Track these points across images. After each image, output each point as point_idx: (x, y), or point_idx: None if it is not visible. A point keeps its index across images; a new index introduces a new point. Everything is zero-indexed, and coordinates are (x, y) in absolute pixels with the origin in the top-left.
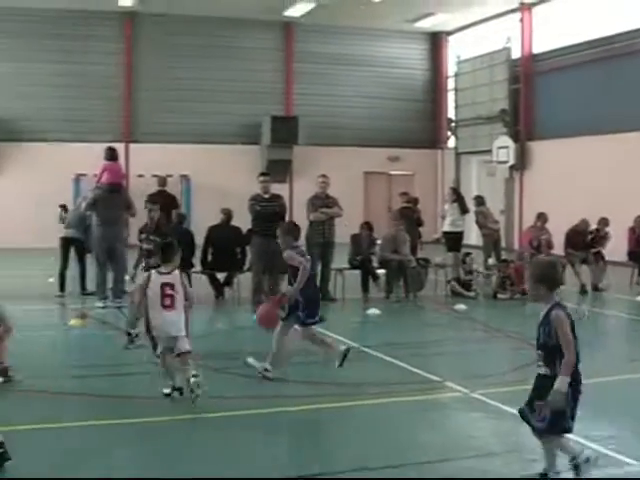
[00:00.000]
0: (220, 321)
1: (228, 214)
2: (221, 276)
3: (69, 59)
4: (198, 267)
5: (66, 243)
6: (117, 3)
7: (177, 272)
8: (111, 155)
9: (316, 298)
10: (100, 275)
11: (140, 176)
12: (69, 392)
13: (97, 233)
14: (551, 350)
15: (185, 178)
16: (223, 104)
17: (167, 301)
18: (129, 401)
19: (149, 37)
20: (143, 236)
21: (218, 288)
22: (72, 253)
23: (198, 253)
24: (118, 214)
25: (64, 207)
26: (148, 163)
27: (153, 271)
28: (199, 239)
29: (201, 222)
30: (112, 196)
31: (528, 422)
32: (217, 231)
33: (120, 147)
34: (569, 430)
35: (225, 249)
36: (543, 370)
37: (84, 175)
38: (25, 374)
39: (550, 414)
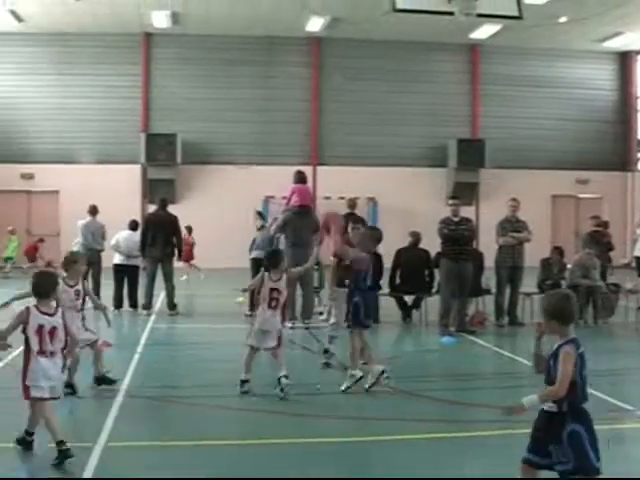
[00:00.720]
0: (407, 343)
1: (416, 237)
2: (409, 298)
3: (257, 84)
4: (386, 289)
5: (256, 264)
6: (304, 29)
7: (284, 277)
8: (300, 178)
9: (373, 304)
10: (289, 296)
11: (327, 198)
12: (259, 409)
13: (287, 255)
14: None
15: (372, 200)
16: (409, 127)
17: (273, 303)
18: (320, 420)
19: (336, 61)
20: None
21: (406, 310)
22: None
23: (386, 275)
24: (307, 236)
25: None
26: (335, 185)
27: (266, 274)
28: (387, 261)
29: (388, 244)
30: (301, 218)
31: (544, 467)
32: (405, 253)
33: (308, 170)
34: (598, 471)
35: (413, 271)
36: (548, 406)
37: (272, 197)
38: (215, 391)
39: (574, 456)
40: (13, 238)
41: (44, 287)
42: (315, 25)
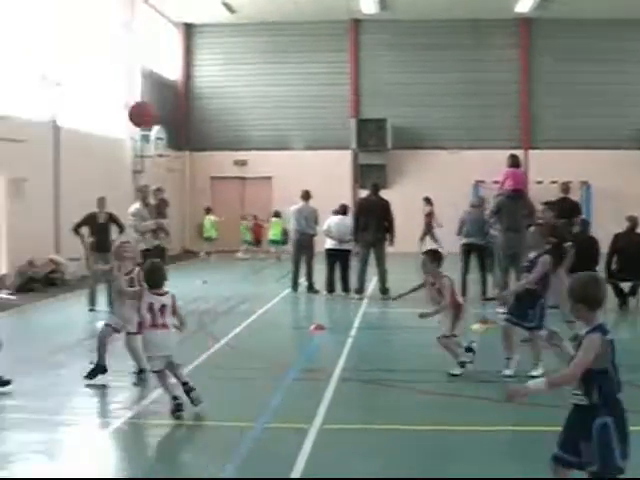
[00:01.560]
0: (623, 330)
1: (634, 221)
2: (625, 285)
3: (464, 68)
4: (602, 275)
5: (467, 249)
6: (513, 10)
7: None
8: (514, 161)
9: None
10: (499, 281)
11: (539, 182)
12: (469, 395)
13: (501, 240)
14: (588, 377)
15: (585, 184)
16: (623, 108)
17: None
18: (527, 407)
19: (546, 42)
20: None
21: (622, 297)
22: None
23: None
24: (521, 220)
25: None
26: (547, 169)
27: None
28: (603, 246)
29: (602, 229)
30: (515, 202)
31: (574, 465)
32: (623, 239)
33: (519, 153)
34: (622, 470)
35: (631, 257)
36: (578, 399)
37: (482, 182)
38: (427, 377)
39: (599, 454)
40: (244, 223)
41: (152, 280)
42: (524, 6)
